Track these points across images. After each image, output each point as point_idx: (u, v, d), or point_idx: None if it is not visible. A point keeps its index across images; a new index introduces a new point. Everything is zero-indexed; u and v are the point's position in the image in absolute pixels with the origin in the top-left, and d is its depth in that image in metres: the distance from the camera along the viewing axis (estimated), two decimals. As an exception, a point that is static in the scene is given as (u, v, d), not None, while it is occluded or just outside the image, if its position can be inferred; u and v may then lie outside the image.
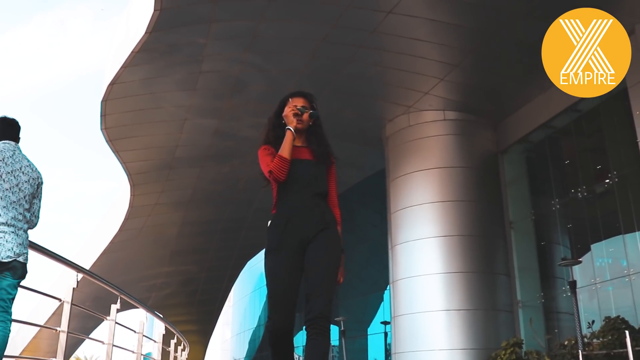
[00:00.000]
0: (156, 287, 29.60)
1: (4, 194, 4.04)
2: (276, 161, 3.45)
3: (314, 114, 3.69)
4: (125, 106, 14.65)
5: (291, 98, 3.73)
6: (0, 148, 4.17)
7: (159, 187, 19.25)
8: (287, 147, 3.50)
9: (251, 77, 13.51)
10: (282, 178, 3.42)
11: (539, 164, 14.70)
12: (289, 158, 3.49)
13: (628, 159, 11.79)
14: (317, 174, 3.59)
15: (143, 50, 12.21)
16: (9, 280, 4.02)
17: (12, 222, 4.04)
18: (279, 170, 3.42)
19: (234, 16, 11.58)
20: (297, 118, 3.61)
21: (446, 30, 11.75)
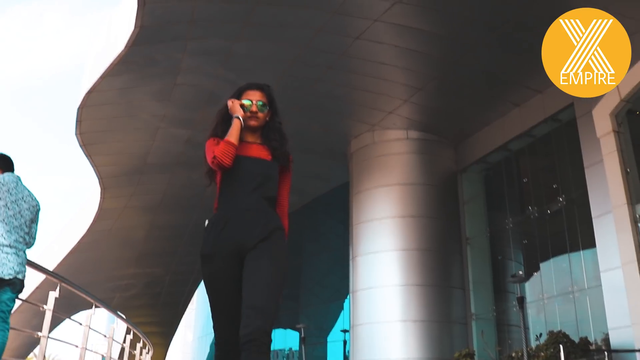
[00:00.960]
0: (121, 288, 29.68)
1: (8, 220, 4.54)
2: (221, 145, 3.06)
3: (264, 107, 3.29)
4: (101, 113, 14.95)
5: (245, 91, 3.35)
6: (6, 180, 4.67)
7: (129, 191, 19.51)
8: (234, 133, 3.13)
9: (224, 92, 13.71)
10: (226, 162, 3.00)
11: (495, 183, 15.35)
12: (236, 143, 3.10)
13: (576, 182, 12.45)
14: (269, 175, 3.18)
15: (122, 62, 12.55)
16: (9, 294, 4.52)
17: (14, 244, 4.54)
18: (224, 153, 3.01)
19: (210, 35, 12.03)
20: (252, 115, 3.24)
21: (411, 56, 12.34)
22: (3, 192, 4.60)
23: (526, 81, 12.76)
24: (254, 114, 3.27)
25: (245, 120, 3.24)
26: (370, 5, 10.75)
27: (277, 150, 3.28)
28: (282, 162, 3.30)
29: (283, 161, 3.30)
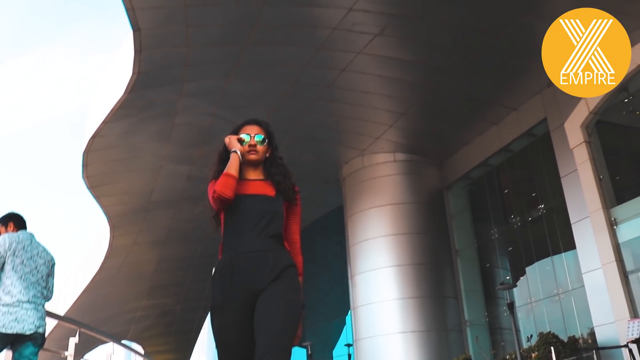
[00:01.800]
0: (135, 320, 29.34)
1: (25, 277, 4.45)
2: (220, 179, 2.77)
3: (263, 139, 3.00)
4: (106, 156, 14.89)
5: (243, 127, 3.06)
6: (21, 238, 4.59)
7: (136, 228, 19.37)
8: (233, 165, 2.84)
9: (220, 128, 13.86)
10: (227, 194, 2.69)
11: (479, 197, 15.34)
12: (236, 175, 2.81)
13: (554, 191, 12.46)
14: (274, 212, 2.83)
15: (122, 107, 12.54)
16: (31, 348, 4.40)
17: (33, 300, 4.43)
18: (223, 186, 2.72)
19: (204, 76, 12.04)
20: (251, 149, 2.94)
21: (394, 84, 12.37)
22: (19, 249, 4.50)
23: (501, 100, 12.81)
24: (252, 147, 2.97)
25: (245, 154, 2.95)
26: (353, 40, 10.80)
27: (281, 184, 2.95)
28: (287, 196, 2.95)
29: (288, 195, 2.96)
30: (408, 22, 10.43)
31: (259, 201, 2.85)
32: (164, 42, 10.87)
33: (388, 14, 10.21)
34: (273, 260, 2.73)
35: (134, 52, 10.82)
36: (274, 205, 2.88)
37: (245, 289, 2.66)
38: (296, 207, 3.02)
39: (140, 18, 10.03)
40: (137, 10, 9.85)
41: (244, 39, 10.82)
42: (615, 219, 10.70)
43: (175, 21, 10.30)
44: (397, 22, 10.37)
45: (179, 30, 10.53)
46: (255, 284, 2.67)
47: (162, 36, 10.73)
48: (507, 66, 11.69)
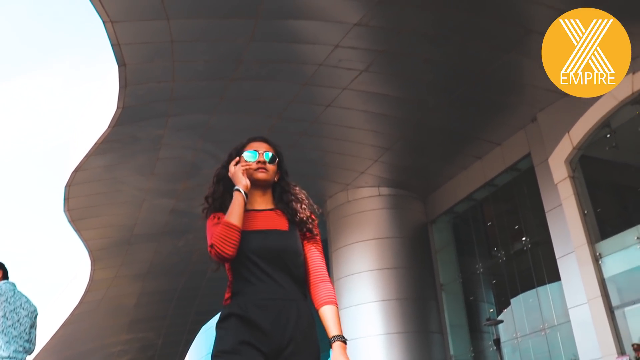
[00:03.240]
0: (115, 355, 28.68)
1: (7, 331, 4.25)
2: (218, 229, 2.30)
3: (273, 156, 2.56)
4: (88, 190, 14.64)
5: (248, 144, 2.64)
6: (3, 289, 4.39)
7: (118, 261, 19.02)
8: (235, 211, 2.34)
9: (204, 162, 13.75)
10: (228, 252, 2.25)
11: (463, 231, 15.28)
12: (239, 225, 2.31)
13: (539, 225, 12.44)
14: (293, 251, 2.38)
15: (106, 141, 12.37)
16: None
17: (14, 355, 4.24)
18: (223, 240, 2.26)
19: (190, 111, 11.93)
20: (259, 166, 2.48)
21: (378, 119, 12.36)
22: (1, 302, 4.31)
23: (485, 135, 12.84)
24: (261, 164, 2.51)
25: (252, 173, 2.47)
26: (339, 76, 10.77)
27: (297, 214, 2.49)
28: (305, 228, 2.49)
29: (306, 226, 2.49)
30: (394, 59, 10.45)
31: (273, 239, 2.39)
32: (149, 77, 10.76)
33: (374, 50, 10.22)
34: (296, 314, 2.33)
35: (119, 87, 10.70)
36: (292, 242, 2.42)
37: (260, 345, 2.26)
38: (316, 238, 2.53)
39: (126, 53, 9.93)
40: (123, 45, 9.76)
41: (230, 74, 10.75)
42: (600, 253, 10.67)
43: (161, 56, 10.21)
44: (383, 59, 10.38)
45: (165, 66, 10.44)
46: (274, 341, 2.27)
47: (147, 71, 10.62)
48: (491, 102, 11.74)
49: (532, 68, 10.66)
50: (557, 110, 11.44)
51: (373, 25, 9.46)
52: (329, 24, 9.56)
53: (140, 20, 9.57)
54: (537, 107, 11.63)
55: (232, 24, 9.59)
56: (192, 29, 9.76)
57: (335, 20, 9.45)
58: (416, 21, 9.53)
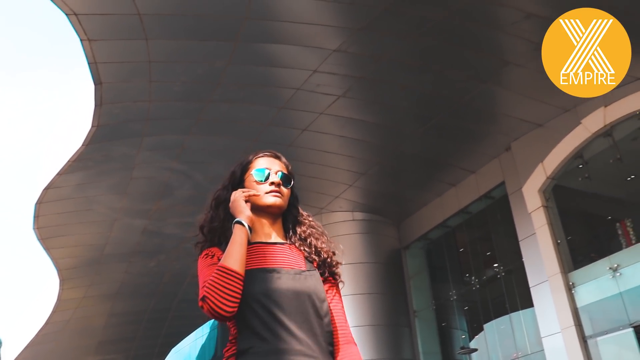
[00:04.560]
0: (81, 377, 28.13)
1: None
2: (215, 277, 1.77)
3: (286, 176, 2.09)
4: (59, 208, 14.43)
5: (255, 160, 2.14)
6: None
7: (87, 281, 18.70)
8: (237, 250, 1.83)
9: (178, 183, 13.67)
10: (226, 310, 1.75)
11: (437, 258, 15.31)
12: (242, 270, 1.80)
13: (512, 253, 12.52)
14: (317, 295, 1.89)
15: (79, 159, 12.24)
16: None
17: None
18: (219, 292, 1.75)
19: (165, 131, 11.86)
20: (272, 189, 2.02)
21: (355, 145, 12.41)
22: None
23: (460, 163, 12.95)
24: (274, 186, 2.04)
25: (261, 199, 2.00)
26: (316, 100, 10.82)
27: (319, 253, 2.02)
28: (327, 270, 2.02)
29: (329, 269, 2.03)
30: (371, 85, 10.53)
31: (291, 280, 1.87)
32: (125, 96, 10.70)
33: (352, 76, 10.29)
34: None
35: (94, 105, 10.61)
36: (316, 285, 1.91)
37: None
38: (336, 284, 2.07)
39: (103, 72, 9.88)
40: (100, 64, 9.71)
41: (207, 96, 10.74)
42: (574, 283, 10.77)
43: (138, 76, 10.17)
44: (361, 85, 10.46)
45: (142, 85, 10.40)
46: None
47: (123, 90, 10.57)
48: (466, 130, 11.87)
49: (508, 98, 10.86)
50: (531, 140, 11.60)
51: (352, 52, 9.54)
52: (308, 49, 9.62)
53: (118, 40, 9.54)
54: (512, 137, 11.79)
55: (211, 46, 9.61)
56: (170, 50, 9.75)
57: (315, 46, 9.52)
58: (395, 49, 9.64)
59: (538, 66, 9.64)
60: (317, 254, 2.05)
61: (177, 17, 9.06)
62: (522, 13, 8.64)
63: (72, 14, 8.67)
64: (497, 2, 8.59)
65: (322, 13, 8.88)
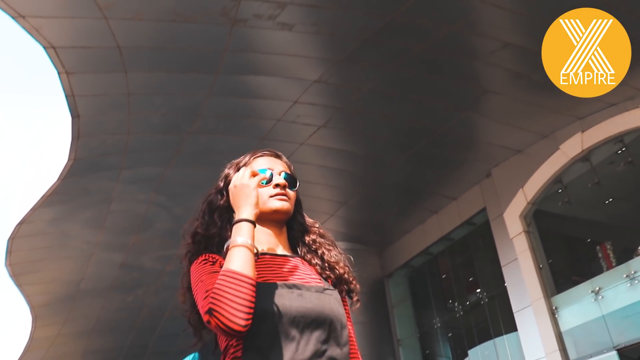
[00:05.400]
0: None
1: None
2: (222, 283, 1.51)
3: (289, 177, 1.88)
4: (33, 243, 14.25)
5: (254, 159, 1.97)
6: None
7: (62, 318, 18.38)
8: (247, 256, 1.58)
9: (157, 216, 13.61)
10: (240, 325, 1.48)
11: (420, 286, 15.40)
12: (254, 276, 1.55)
13: (495, 279, 12.66)
14: (339, 319, 1.68)
15: (54, 193, 12.14)
16: None
17: None
18: (232, 302, 1.49)
19: (144, 164, 11.86)
20: (278, 192, 1.80)
21: (335, 174, 12.53)
22: None
23: (441, 190, 13.13)
24: (280, 188, 1.82)
25: (266, 203, 1.76)
26: (297, 131, 10.94)
27: (334, 268, 1.81)
28: (344, 288, 1.81)
29: (347, 286, 1.82)
30: (351, 115, 10.69)
31: (312, 299, 1.63)
32: (103, 129, 10.70)
33: (332, 107, 10.45)
34: None
35: (71, 138, 10.58)
36: (338, 307, 1.69)
37: None
38: (348, 306, 1.85)
39: (80, 105, 9.89)
40: (78, 97, 9.72)
41: (186, 128, 10.80)
42: (557, 307, 10.91)
43: (116, 108, 10.19)
44: (341, 115, 10.61)
45: (120, 118, 10.42)
46: None
47: (101, 123, 10.58)
48: (447, 158, 12.06)
49: (487, 126, 11.10)
50: (511, 167, 11.83)
51: (332, 83, 9.71)
52: (288, 80, 9.76)
53: (97, 72, 9.58)
54: (492, 163, 12.01)
55: (191, 78, 9.69)
56: (150, 82, 9.81)
57: (295, 77, 9.67)
58: (375, 80, 9.83)
59: (516, 94, 10.02)
60: (330, 269, 1.81)
61: (157, 50, 9.14)
62: (499, 43, 8.90)
63: (50, 46, 8.71)
64: (475, 32, 8.83)
65: (302, 45, 9.04)
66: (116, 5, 7.89)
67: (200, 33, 8.60)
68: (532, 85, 9.72)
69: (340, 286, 1.81)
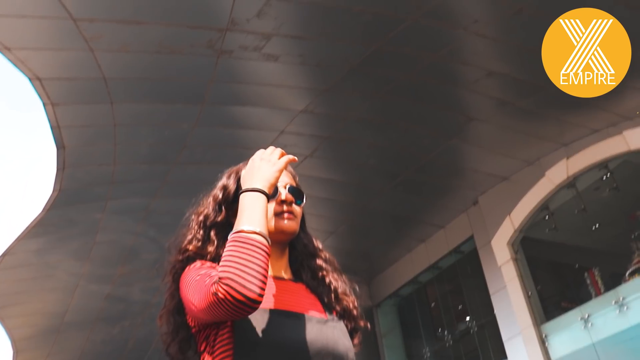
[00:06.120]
0: None
1: None
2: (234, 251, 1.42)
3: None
4: (16, 275, 14.12)
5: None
6: None
7: (44, 352, 18.14)
8: (259, 213, 1.53)
9: (144, 247, 13.55)
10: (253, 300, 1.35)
11: (409, 315, 15.36)
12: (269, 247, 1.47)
13: (484, 307, 12.65)
14: (337, 349, 1.55)
15: (39, 224, 12.07)
16: None
17: None
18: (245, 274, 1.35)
19: (130, 194, 11.85)
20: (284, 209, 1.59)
21: (323, 204, 12.54)
22: None
23: (428, 218, 13.18)
24: (287, 205, 1.58)
25: (269, 223, 1.54)
26: (284, 161, 10.95)
27: (340, 299, 1.61)
28: (350, 321, 1.63)
29: (353, 320, 1.64)
30: (338, 144, 10.76)
31: (316, 330, 1.49)
32: (89, 159, 10.69)
33: (319, 136, 10.51)
34: None
35: (56, 169, 10.56)
36: (345, 340, 1.54)
37: None
38: (356, 336, 1.66)
39: (66, 136, 9.88)
40: (63, 128, 9.72)
41: (173, 158, 10.81)
42: (547, 335, 10.91)
43: (103, 139, 10.20)
44: (328, 145, 10.67)
45: (106, 148, 10.41)
46: None
47: (87, 154, 10.56)
48: (433, 186, 12.14)
49: (473, 153, 11.20)
50: (497, 194, 11.91)
51: (318, 113, 9.79)
52: (274, 110, 9.84)
53: (83, 104, 9.60)
54: (479, 191, 12.09)
55: (177, 108, 9.74)
56: (136, 113, 9.84)
57: (282, 107, 9.74)
58: (361, 108, 9.92)
59: (501, 121, 10.14)
60: (337, 300, 1.58)
61: (143, 81, 9.20)
62: (483, 71, 9.02)
63: (35, 78, 8.74)
64: (459, 61, 8.96)
65: (288, 75, 9.13)
66: (102, 37, 7.94)
67: (186, 64, 8.67)
68: (517, 112, 9.87)
69: (345, 320, 1.65)
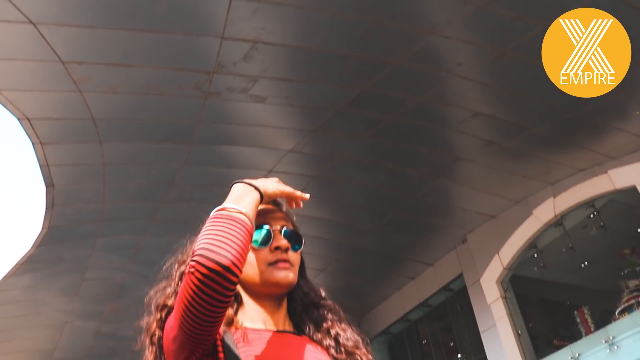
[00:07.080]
0: None
1: None
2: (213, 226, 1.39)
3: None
4: (4, 312, 14.00)
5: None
6: None
7: (32, 390, 17.89)
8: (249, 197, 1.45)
9: (133, 283, 13.45)
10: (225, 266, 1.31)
11: (399, 353, 15.21)
12: (253, 219, 1.41)
13: (474, 345, 12.57)
14: None
15: (28, 261, 12.04)
16: None
17: None
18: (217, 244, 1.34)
19: (119, 232, 11.82)
20: (279, 258, 1.53)
21: (312, 242, 12.51)
22: None
23: (418, 256, 13.15)
24: (282, 253, 1.53)
25: (264, 273, 1.47)
26: (272, 200, 10.97)
27: (351, 353, 1.52)
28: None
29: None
30: (327, 184, 10.78)
31: None
32: (78, 197, 10.69)
33: (307, 175, 10.54)
34: None
35: (45, 207, 10.57)
36: None
37: None
38: None
39: (55, 174, 9.90)
40: (52, 166, 9.74)
41: (162, 197, 10.81)
42: (538, 375, 10.83)
43: (92, 178, 10.21)
44: (316, 184, 10.68)
45: (95, 187, 10.42)
46: None
47: (76, 192, 10.57)
48: (422, 224, 12.15)
49: (460, 192, 11.23)
50: (486, 232, 11.92)
51: (306, 152, 9.83)
52: (262, 150, 9.88)
53: (71, 143, 9.63)
54: (467, 229, 12.10)
55: (165, 148, 9.78)
56: (125, 152, 9.87)
57: (269, 147, 9.79)
58: (348, 148, 9.98)
59: (487, 161, 10.20)
60: (348, 355, 1.47)
61: (131, 122, 9.24)
62: (469, 112, 9.11)
63: (24, 118, 8.78)
64: (445, 102, 9.04)
65: (275, 116, 9.19)
66: (90, 79, 8.00)
67: (174, 105, 8.72)
68: (503, 152, 9.93)
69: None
